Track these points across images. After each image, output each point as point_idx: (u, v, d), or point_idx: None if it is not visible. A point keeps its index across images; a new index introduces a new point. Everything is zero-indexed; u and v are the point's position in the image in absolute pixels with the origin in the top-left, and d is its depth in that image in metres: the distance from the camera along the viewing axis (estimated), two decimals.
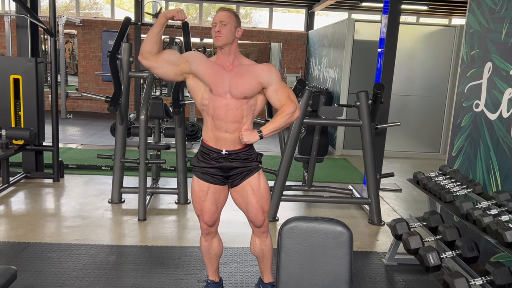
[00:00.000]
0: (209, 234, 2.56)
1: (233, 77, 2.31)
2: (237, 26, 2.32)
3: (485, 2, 3.12)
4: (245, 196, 2.45)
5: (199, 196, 2.45)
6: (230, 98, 2.31)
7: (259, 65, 2.40)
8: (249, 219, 2.53)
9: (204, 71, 2.32)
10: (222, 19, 2.28)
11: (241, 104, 2.32)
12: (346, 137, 7.33)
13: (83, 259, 3.18)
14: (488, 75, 3.04)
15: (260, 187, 2.45)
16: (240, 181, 2.43)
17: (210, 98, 2.33)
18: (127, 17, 4.57)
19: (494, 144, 2.93)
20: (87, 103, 10.43)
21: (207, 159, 2.41)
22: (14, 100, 4.74)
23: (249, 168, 2.43)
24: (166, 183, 5.12)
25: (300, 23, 10.88)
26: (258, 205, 2.45)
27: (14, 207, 4.22)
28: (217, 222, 2.56)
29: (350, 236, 1.86)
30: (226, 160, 2.39)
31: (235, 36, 2.32)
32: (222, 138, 2.36)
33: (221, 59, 2.36)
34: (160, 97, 5.06)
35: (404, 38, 6.51)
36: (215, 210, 2.48)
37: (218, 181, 2.43)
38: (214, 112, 2.33)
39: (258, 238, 2.59)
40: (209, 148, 2.40)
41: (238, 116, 2.33)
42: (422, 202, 4.66)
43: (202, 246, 2.62)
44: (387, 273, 3.22)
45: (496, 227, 2.31)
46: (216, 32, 2.28)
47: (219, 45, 2.30)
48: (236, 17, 2.33)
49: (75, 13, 10.62)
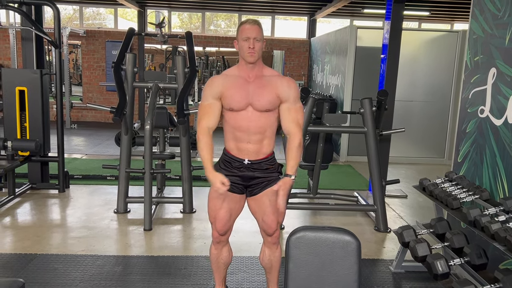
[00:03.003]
0: (219, 242, 2.56)
1: (255, 88, 2.32)
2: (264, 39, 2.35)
3: (488, 8, 3.13)
4: (262, 206, 2.45)
5: (214, 203, 2.45)
6: (253, 111, 2.32)
7: (280, 78, 2.39)
8: (262, 228, 2.53)
9: (228, 96, 2.32)
10: (256, 36, 2.28)
11: (263, 117, 2.33)
12: (350, 143, 7.32)
13: (89, 270, 3.18)
14: (492, 80, 3.04)
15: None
16: (260, 191, 2.43)
17: (232, 111, 2.34)
18: (131, 27, 4.61)
19: (500, 150, 2.92)
20: (92, 113, 10.48)
21: (228, 167, 2.42)
22: (20, 112, 4.77)
23: (269, 179, 2.43)
24: (171, 192, 5.12)
25: (302, 31, 10.92)
26: (274, 216, 2.45)
27: (20, 218, 4.23)
28: (229, 232, 2.55)
29: (358, 245, 1.86)
30: (248, 169, 2.40)
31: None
32: (244, 149, 2.37)
33: (244, 70, 2.36)
34: (165, 106, 5.10)
35: (407, 44, 6.52)
36: (228, 219, 2.47)
37: (237, 190, 2.43)
38: (235, 123, 2.34)
39: (268, 249, 2.58)
40: (231, 157, 2.41)
41: (261, 128, 2.34)
42: (428, 208, 4.64)
43: (212, 254, 2.61)
44: (395, 281, 3.20)
45: (505, 233, 2.30)
46: (251, 48, 2.27)
47: (253, 61, 2.30)
48: (262, 31, 2.35)
49: (79, 24, 10.71)
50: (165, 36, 7.91)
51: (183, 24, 13.06)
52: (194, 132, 7.16)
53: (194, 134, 7.06)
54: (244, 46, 2.29)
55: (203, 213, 4.42)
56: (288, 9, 10.15)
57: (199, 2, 9.47)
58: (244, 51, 2.29)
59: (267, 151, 2.42)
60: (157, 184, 4.97)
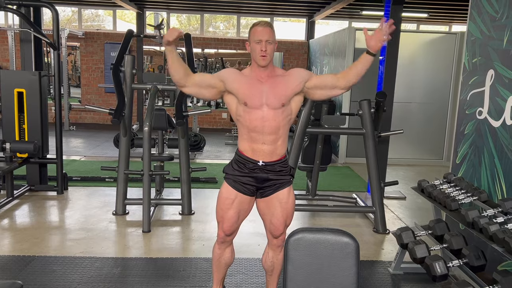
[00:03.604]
0: (224, 243, 2.56)
1: (269, 88, 2.34)
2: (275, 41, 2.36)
3: (486, 10, 3.14)
4: (272, 208, 2.46)
5: (224, 203, 2.45)
6: (268, 110, 2.33)
7: (288, 73, 2.43)
8: (269, 230, 2.53)
9: (238, 89, 2.35)
10: (268, 38, 2.29)
11: (277, 115, 2.34)
12: (349, 145, 7.33)
13: (88, 272, 3.17)
14: (490, 82, 3.05)
15: (288, 202, 2.46)
16: (271, 193, 2.44)
17: (245, 111, 2.35)
18: (130, 29, 4.61)
19: (498, 151, 2.92)
20: (90, 115, 10.47)
21: (242, 168, 2.42)
22: (18, 114, 4.76)
23: (282, 181, 2.44)
24: (170, 194, 5.11)
25: (300, 32, 10.93)
26: (283, 219, 2.46)
27: (18, 220, 4.22)
28: (234, 233, 2.55)
29: (357, 246, 1.86)
30: (262, 171, 2.40)
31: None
32: (259, 150, 2.38)
33: (256, 72, 2.37)
34: (163, 108, 5.09)
35: (405, 45, 6.53)
36: (236, 220, 2.47)
37: (247, 192, 2.44)
38: (250, 124, 2.35)
39: (272, 251, 2.58)
40: (246, 158, 2.41)
41: (274, 127, 2.35)
42: (427, 209, 4.64)
43: (214, 253, 2.61)
44: (394, 282, 3.20)
45: (503, 235, 2.30)
46: (263, 51, 2.28)
47: (265, 65, 2.31)
48: (275, 33, 2.36)
49: (78, 25, 10.71)
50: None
51: (182, 25, 13.08)
52: (193, 134, 7.16)
53: (193, 136, 7.06)
54: (257, 48, 2.29)
55: (202, 215, 4.41)
56: (287, 10, 10.16)
57: (198, 4, 9.47)
58: (257, 54, 2.30)
59: (281, 153, 2.44)
60: (156, 186, 4.97)
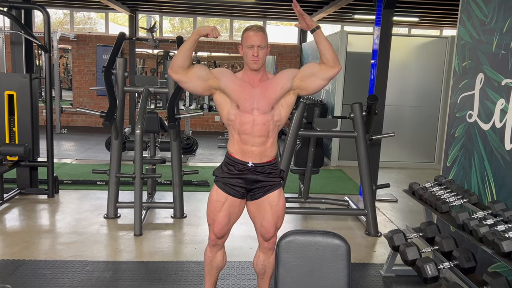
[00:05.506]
0: (215, 246, 2.55)
1: (260, 92, 2.35)
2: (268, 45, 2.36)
3: (476, 15, 3.17)
4: (262, 211, 2.46)
5: (214, 205, 2.45)
6: (258, 114, 2.34)
7: (277, 75, 2.45)
8: (260, 233, 2.53)
9: (232, 88, 2.36)
10: (260, 43, 2.30)
11: (267, 120, 2.36)
12: (341, 148, 7.35)
13: (78, 276, 3.15)
14: (480, 85, 3.08)
15: (279, 204, 2.46)
16: (261, 195, 2.44)
17: (237, 114, 2.36)
18: (122, 32, 4.60)
19: (488, 154, 2.95)
20: (82, 118, 10.41)
21: (231, 170, 2.43)
22: (9, 116, 4.72)
23: (272, 183, 2.45)
24: (162, 197, 5.09)
25: (293, 36, 10.97)
26: (273, 221, 2.46)
27: (8, 224, 4.17)
28: (226, 235, 2.55)
29: (348, 249, 1.86)
30: (252, 172, 2.40)
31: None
32: (249, 151, 2.39)
33: (249, 76, 2.39)
34: (155, 111, 5.08)
35: (397, 49, 6.58)
36: (226, 223, 2.47)
37: (237, 194, 2.44)
38: (240, 127, 2.36)
39: (264, 254, 2.58)
40: (235, 160, 2.42)
41: (264, 131, 2.37)
42: (418, 212, 4.67)
43: (206, 256, 2.61)
44: (385, 284, 3.21)
45: (493, 237, 2.32)
46: (254, 56, 2.29)
47: (257, 69, 2.33)
48: (267, 36, 2.36)
49: (70, 28, 10.66)
50: (156, 41, 7.89)
51: (175, 29, 13.06)
52: (185, 137, 7.14)
53: (185, 139, 7.05)
54: (249, 53, 2.31)
55: (194, 218, 4.40)
56: (279, 14, 10.19)
57: (191, 7, 9.47)
58: (248, 59, 2.32)
59: (270, 154, 2.44)
60: (148, 189, 4.95)
